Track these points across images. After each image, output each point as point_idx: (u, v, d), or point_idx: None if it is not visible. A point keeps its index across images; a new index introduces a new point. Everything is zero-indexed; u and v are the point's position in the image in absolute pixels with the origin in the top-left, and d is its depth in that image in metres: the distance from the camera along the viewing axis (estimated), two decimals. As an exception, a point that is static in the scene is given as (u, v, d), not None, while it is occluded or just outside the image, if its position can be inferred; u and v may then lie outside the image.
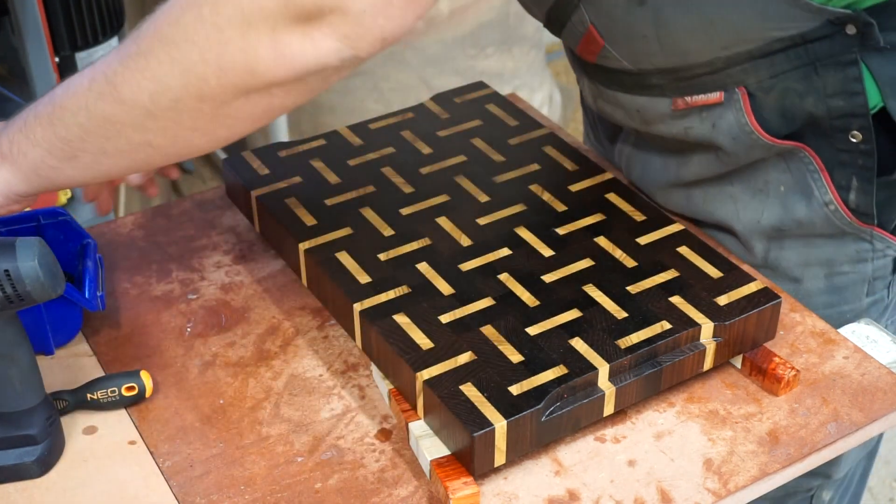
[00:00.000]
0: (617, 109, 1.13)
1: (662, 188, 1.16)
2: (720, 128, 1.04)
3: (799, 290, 1.11)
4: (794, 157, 1.04)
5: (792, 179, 1.05)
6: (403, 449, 0.93)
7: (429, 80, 2.49)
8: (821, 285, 1.10)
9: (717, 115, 1.03)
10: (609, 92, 1.12)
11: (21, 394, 0.89)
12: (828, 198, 1.04)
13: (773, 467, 0.91)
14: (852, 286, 1.10)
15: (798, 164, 1.04)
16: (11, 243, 0.83)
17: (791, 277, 1.10)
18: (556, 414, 0.88)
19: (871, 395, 0.97)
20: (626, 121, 1.14)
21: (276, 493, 0.89)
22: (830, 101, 0.99)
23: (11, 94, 1.62)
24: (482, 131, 1.20)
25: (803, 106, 1.01)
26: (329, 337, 1.04)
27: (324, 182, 1.12)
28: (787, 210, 1.06)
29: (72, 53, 1.62)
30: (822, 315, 1.08)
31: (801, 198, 1.05)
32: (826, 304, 1.11)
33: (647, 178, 1.18)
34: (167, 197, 2.67)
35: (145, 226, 1.18)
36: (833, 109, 1.00)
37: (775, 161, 1.05)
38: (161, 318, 1.06)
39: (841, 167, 1.03)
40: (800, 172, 1.04)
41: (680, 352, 0.94)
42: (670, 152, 1.13)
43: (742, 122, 1.02)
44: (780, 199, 1.06)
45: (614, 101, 1.12)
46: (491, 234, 1.05)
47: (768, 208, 1.07)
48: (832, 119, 1.00)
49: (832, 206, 1.04)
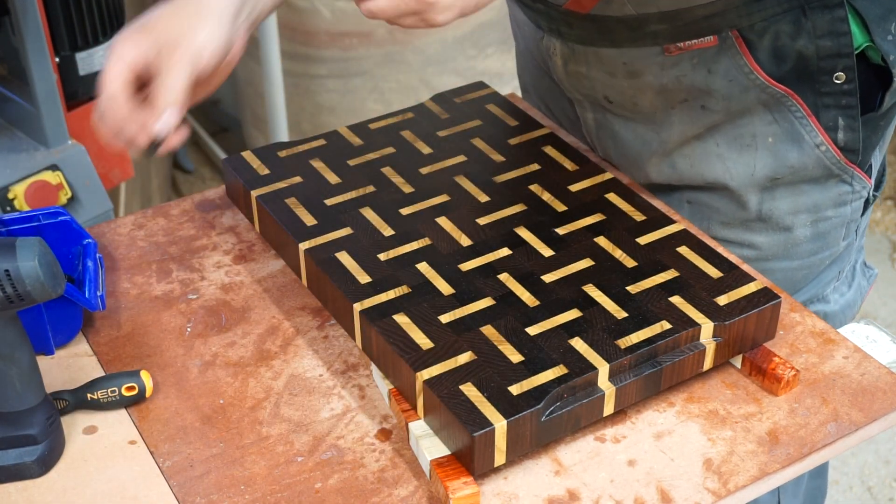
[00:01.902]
0: (593, 69, 1.14)
1: (644, 160, 1.17)
2: (715, 72, 1.07)
3: (788, 238, 1.15)
4: (779, 107, 1.08)
5: (780, 130, 1.09)
6: (403, 449, 0.93)
7: (429, 80, 2.49)
8: (807, 232, 1.15)
9: (710, 59, 1.07)
10: (588, 50, 1.13)
11: (21, 394, 0.89)
12: (818, 140, 1.08)
13: (773, 467, 0.91)
14: (833, 230, 1.16)
15: (784, 114, 1.08)
16: (11, 243, 0.83)
17: (783, 226, 1.15)
18: (556, 414, 0.88)
19: (871, 395, 0.97)
20: (602, 81, 1.14)
21: (276, 493, 0.89)
22: (820, 42, 1.04)
23: (11, 94, 1.62)
24: (482, 131, 1.20)
25: (794, 47, 1.05)
26: (329, 337, 1.04)
27: (324, 182, 1.12)
28: (778, 159, 1.10)
29: (72, 53, 1.62)
30: (805, 263, 1.16)
31: (791, 145, 1.09)
32: (810, 252, 1.16)
33: (624, 153, 1.19)
34: (167, 197, 2.67)
35: (145, 226, 1.18)
36: (821, 49, 1.04)
37: (761, 113, 1.09)
38: (161, 318, 1.06)
39: (825, 109, 1.08)
40: (787, 121, 1.08)
41: (680, 352, 0.94)
42: (645, 121, 1.15)
43: (740, 63, 1.06)
44: (769, 150, 1.10)
45: (594, 59, 1.13)
46: (491, 234, 1.05)
47: (759, 160, 1.11)
48: (820, 60, 1.05)
49: (823, 147, 1.09)
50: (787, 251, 1.16)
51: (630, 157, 1.19)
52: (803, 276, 1.19)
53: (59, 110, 1.58)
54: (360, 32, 2.42)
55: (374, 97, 2.51)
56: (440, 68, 2.49)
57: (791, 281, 1.18)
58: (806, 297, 1.20)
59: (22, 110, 1.61)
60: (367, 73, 2.48)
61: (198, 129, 2.91)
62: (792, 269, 1.18)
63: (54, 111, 1.58)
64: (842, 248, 1.19)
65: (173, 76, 0.91)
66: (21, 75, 1.58)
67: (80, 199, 1.60)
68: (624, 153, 1.19)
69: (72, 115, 1.64)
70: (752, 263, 1.16)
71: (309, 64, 2.49)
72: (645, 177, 1.19)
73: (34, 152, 1.59)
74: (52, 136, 1.59)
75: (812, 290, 1.20)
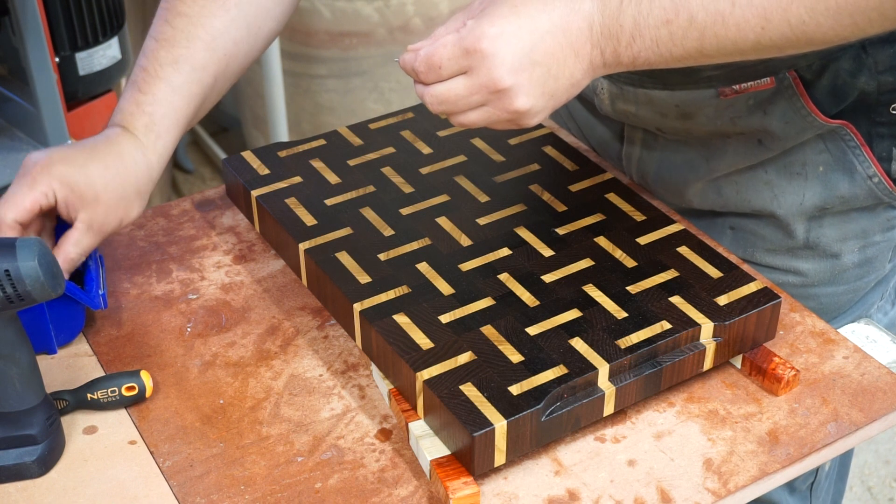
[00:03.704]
0: (643, 108, 1.12)
1: (688, 186, 1.16)
2: (772, 113, 1.05)
3: (836, 265, 1.14)
4: (833, 137, 1.06)
5: (832, 158, 1.07)
6: (403, 449, 0.93)
7: (429, 80, 2.48)
8: (855, 259, 1.14)
9: (766, 101, 1.05)
10: (638, 91, 1.10)
11: (21, 394, 0.89)
12: (871, 171, 1.07)
13: (773, 467, 0.91)
14: (881, 255, 1.14)
15: (837, 143, 1.07)
16: (11, 243, 0.83)
17: (831, 254, 1.13)
18: (556, 414, 0.88)
19: (871, 395, 0.97)
20: (651, 120, 1.13)
21: (276, 493, 0.89)
22: (881, 77, 1.03)
23: (11, 94, 1.62)
24: (482, 131, 1.20)
25: (855, 84, 1.03)
26: (329, 337, 1.04)
27: (324, 182, 1.12)
28: (828, 189, 1.09)
29: (72, 53, 1.62)
30: (851, 287, 1.14)
31: (842, 175, 1.08)
32: (857, 276, 1.15)
33: (667, 178, 1.17)
34: (167, 197, 2.67)
35: (145, 226, 1.18)
36: (883, 85, 1.03)
37: (813, 143, 1.07)
38: (161, 318, 1.06)
39: (879, 139, 1.06)
40: (839, 150, 1.07)
41: (680, 352, 0.94)
42: (697, 147, 1.13)
43: (797, 105, 1.04)
44: (819, 180, 1.09)
45: (644, 99, 1.11)
46: (491, 234, 1.05)
47: (809, 189, 1.09)
48: (881, 94, 1.04)
49: (876, 179, 1.07)
50: (834, 277, 1.14)
51: (672, 182, 1.17)
52: (848, 300, 1.16)
53: (59, 110, 1.58)
54: (360, 32, 2.42)
55: (374, 97, 2.51)
56: (440, 68, 2.48)
57: (836, 305, 1.16)
58: (850, 319, 1.17)
59: (22, 110, 1.61)
60: (367, 73, 2.48)
61: (198, 129, 2.91)
62: (838, 294, 1.15)
63: (54, 111, 1.58)
64: (887, 269, 1.17)
65: (86, 244, 0.98)
66: (21, 75, 1.58)
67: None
68: (666, 178, 1.17)
69: (72, 115, 1.64)
70: (798, 289, 1.14)
71: (309, 64, 2.49)
72: (688, 201, 1.17)
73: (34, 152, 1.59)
74: (52, 136, 1.59)
75: (856, 312, 1.18)
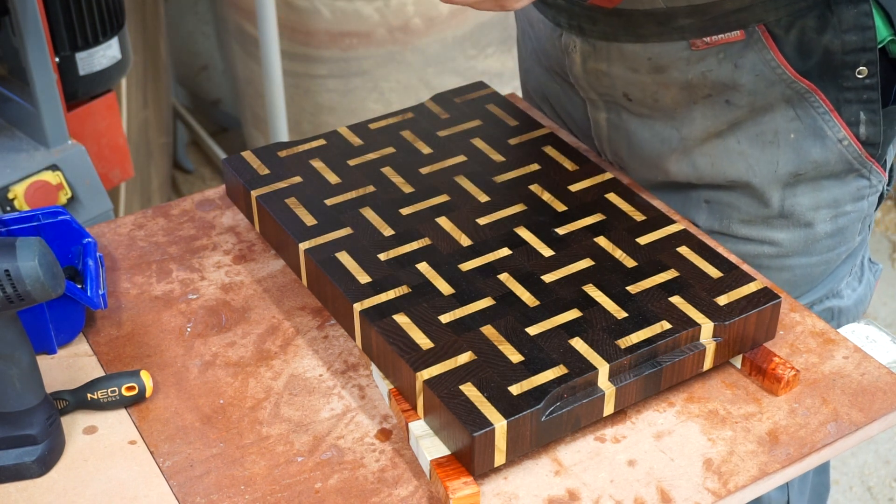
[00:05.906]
0: (615, 65, 1.14)
1: (662, 159, 1.17)
2: (742, 66, 1.08)
3: (809, 234, 1.16)
4: (801, 103, 1.09)
5: (802, 126, 1.10)
6: (403, 449, 0.93)
7: (429, 80, 2.49)
8: (828, 228, 1.16)
9: (736, 53, 1.07)
10: (612, 46, 1.13)
11: (21, 394, 0.89)
12: (841, 134, 1.09)
13: (773, 467, 0.91)
14: (851, 225, 1.17)
15: (807, 110, 1.09)
16: (11, 243, 0.83)
17: (804, 223, 1.15)
18: (556, 414, 0.88)
19: (871, 395, 0.97)
20: (623, 78, 1.14)
21: (276, 492, 0.89)
22: (845, 36, 1.05)
23: (11, 94, 1.62)
24: (482, 131, 1.20)
25: (820, 41, 1.06)
26: (329, 337, 1.04)
27: (324, 182, 1.12)
28: (801, 155, 1.11)
29: (72, 53, 1.62)
30: (823, 258, 1.17)
31: (814, 141, 1.10)
32: (829, 247, 1.17)
33: (639, 153, 1.19)
34: (167, 197, 2.67)
35: (145, 226, 1.18)
36: (847, 44, 1.05)
37: (783, 110, 1.09)
38: (161, 318, 1.06)
39: (847, 104, 1.09)
40: (809, 117, 1.09)
41: (680, 352, 0.94)
42: (664, 119, 1.15)
43: (767, 57, 1.07)
44: (791, 147, 1.11)
45: (616, 55, 1.13)
46: (491, 234, 1.05)
47: (782, 157, 1.12)
48: (844, 54, 1.06)
49: (846, 142, 1.10)
50: (808, 247, 1.17)
51: (646, 156, 1.19)
52: (821, 272, 1.19)
53: (59, 110, 1.58)
54: (360, 32, 2.42)
55: (374, 97, 2.51)
56: (440, 68, 2.49)
57: (809, 277, 1.19)
58: (822, 292, 1.21)
59: (22, 110, 1.61)
60: (367, 73, 2.48)
61: (198, 129, 2.91)
62: (811, 264, 1.18)
63: (54, 111, 1.58)
64: (857, 242, 1.20)
65: None
66: (21, 75, 1.58)
67: (80, 198, 1.60)
68: (639, 153, 1.19)
69: (72, 115, 1.64)
70: (772, 260, 1.17)
71: (309, 64, 2.49)
72: (663, 174, 1.19)
73: (34, 152, 1.59)
74: (52, 136, 1.59)
75: (828, 285, 1.21)
